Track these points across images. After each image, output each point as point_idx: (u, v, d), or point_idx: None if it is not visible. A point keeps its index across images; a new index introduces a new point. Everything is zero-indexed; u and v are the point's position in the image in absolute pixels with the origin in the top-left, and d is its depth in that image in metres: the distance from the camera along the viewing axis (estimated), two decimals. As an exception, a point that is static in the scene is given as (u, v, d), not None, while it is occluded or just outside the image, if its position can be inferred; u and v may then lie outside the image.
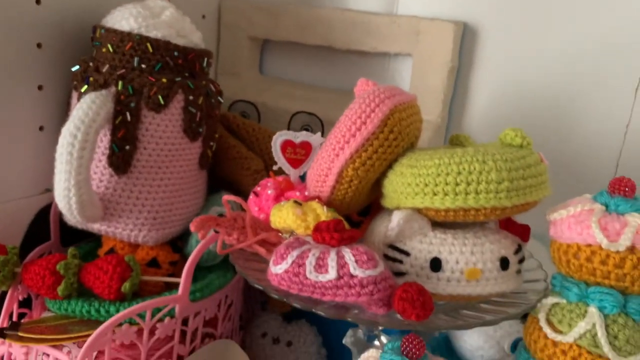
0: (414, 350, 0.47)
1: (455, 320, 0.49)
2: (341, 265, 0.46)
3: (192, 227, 0.52)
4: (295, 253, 0.48)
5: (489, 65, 0.77)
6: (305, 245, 0.49)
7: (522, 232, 0.54)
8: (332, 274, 0.46)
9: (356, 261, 0.46)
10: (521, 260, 0.53)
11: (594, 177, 0.73)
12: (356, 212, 0.61)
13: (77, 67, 0.63)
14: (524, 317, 0.54)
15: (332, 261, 0.47)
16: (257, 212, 0.60)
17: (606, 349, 0.46)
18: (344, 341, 0.61)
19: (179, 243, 0.69)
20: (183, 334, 0.63)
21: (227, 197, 0.56)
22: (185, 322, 0.63)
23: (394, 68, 0.84)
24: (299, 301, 0.48)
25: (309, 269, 0.47)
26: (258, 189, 0.62)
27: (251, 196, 0.62)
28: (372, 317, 0.47)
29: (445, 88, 0.77)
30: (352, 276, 0.46)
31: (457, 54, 0.77)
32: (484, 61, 0.78)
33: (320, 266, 0.47)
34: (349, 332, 0.62)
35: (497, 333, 0.65)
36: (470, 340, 0.66)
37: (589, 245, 0.47)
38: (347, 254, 0.47)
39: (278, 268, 0.48)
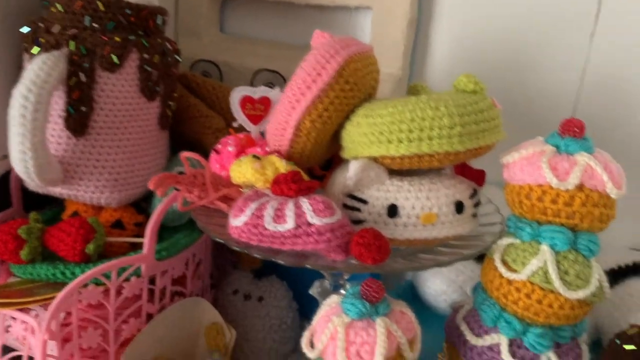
0: (373, 293, 0.49)
1: (411, 263, 0.50)
2: (299, 214, 0.47)
3: (150, 185, 0.53)
4: (253, 205, 0.49)
5: (448, 16, 0.77)
6: (263, 198, 0.49)
7: (477, 177, 0.55)
8: (290, 223, 0.47)
9: (313, 210, 0.47)
10: (477, 204, 0.54)
11: (552, 122, 0.74)
12: (318, 166, 0.61)
13: (26, 28, 0.62)
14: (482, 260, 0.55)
15: (290, 211, 0.47)
16: (219, 170, 0.60)
17: (557, 284, 0.48)
18: (310, 291, 0.62)
19: (143, 204, 0.69)
20: (151, 292, 0.64)
21: (185, 153, 0.56)
22: (152, 281, 0.63)
23: (355, 22, 0.83)
24: (259, 252, 0.49)
25: (268, 219, 0.47)
26: (219, 146, 0.62)
27: (212, 154, 0.62)
28: (331, 263, 0.48)
29: (405, 40, 0.77)
30: (309, 225, 0.47)
31: (415, 6, 0.76)
32: (443, 12, 0.77)
33: (279, 217, 0.47)
34: (316, 283, 0.63)
35: (459, 278, 0.67)
36: (434, 285, 0.68)
37: (540, 186, 0.49)
38: (305, 203, 0.48)
39: (237, 221, 0.49)
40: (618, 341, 0.50)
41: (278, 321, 0.77)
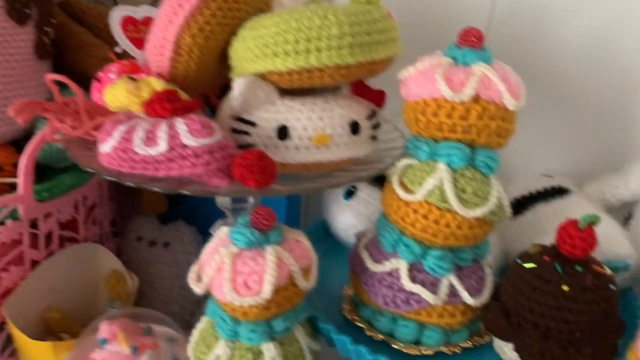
0: (262, 221, 0.45)
1: (295, 185, 0.47)
2: (172, 135, 0.43)
3: (10, 112, 0.47)
4: (122, 128, 0.44)
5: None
6: (134, 120, 0.45)
7: (376, 98, 0.52)
8: (162, 145, 0.42)
9: (189, 130, 0.43)
10: (375, 126, 0.51)
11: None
12: (213, 93, 0.57)
13: None
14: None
15: (162, 132, 0.43)
16: (100, 100, 0.55)
17: (453, 202, 0.46)
18: (210, 230, 0.59)
19: (23, 143, 0.62)
20: (35, 237, 0.59)
21: (51, 76, 0.50)
22: (35, 225, 0.58)
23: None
24: (133, 180, 0.44)
25: (138, 142, 0.43)
26: (101, 74, 0.56)
27: (94, 83, 0.56)
28: (211, 188, 0.44)
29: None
30: (184, 146, 0.42)
31: None
32: None
33: (150, 139, 0.43)
34: (217, 222, 0.59)
35: (368, 210, 0.64)
36: (344, 219, 0.65)
37: (435, 99, 0.46)
38: (179, 123, 0.43)
39: (105, 146, 0.44)
40: (519, 261, 0.49)
41: (186, 267, 0.73)
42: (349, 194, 0.66)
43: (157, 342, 0.56)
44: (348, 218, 0.65)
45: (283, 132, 0.47)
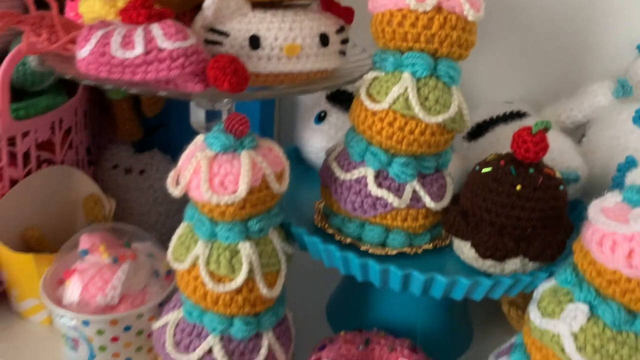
0: (236, 126, 0.47)
1: (267, 90, 0.49)
2: (148, 39, 0.44)
3: (-14, 20, 0.48)
4: (99, 33, 0.45)
5: None
6: (111, 26, 0.46)
7: (345, 14, 0.54)
8: (139, 49, 0.44)
9: (164, 34, 0.44)
10: (344, 41, 0.53)
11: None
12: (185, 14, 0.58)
13: None
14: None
15: (138, 37, 0.44)
16: (75, 17, 0.56)
17: (417, 109, 0.49)
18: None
19: (-2, 65, 0.63)
20: (14, 156, 0.60)
21: (26, -13, 0.50)
22: (13, 143, 0.59)
23: None
24: (111, 83, 0.46)
25: (115, 46, 0.44)
26: (74, -8, 0.56)
27: (67, 2, 0.56)
28: (186, 92, 0.46)
29: None
30: (160, 50, 0.44)
31: None
32: None
33: (127, 43, 0.44)
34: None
35: (338, 134, 0.67)
36: (315, 143, 0.68)
37: (400, 10, 0.48)
38: (155, 28, 0.45)
39: (83, 51, 0.45)
40: (477, 167, 0.52)
41: (163, 194, 0.76)
42: (320, 118, 0.68)
43: (136, 254, 0.59)
44: (319, 142, 0.67)
45: (255, 42, 0.49)
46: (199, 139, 0.50)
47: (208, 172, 0.47)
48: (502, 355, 0.52)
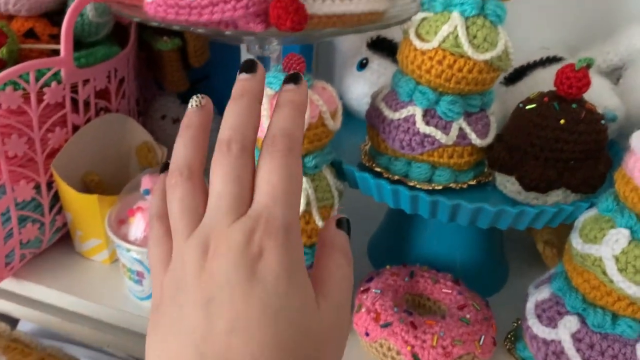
0: (294, 65, 0.50)
1: (330, 29, 0.51)
2: (214, -19, 0.47)
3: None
4: (167, -24, 0.48)
5: None
6: (177, -31, 0.49)
7: (393, -42, 0.56)
8: (206, -10, 0.47)
9: (229, -24, 0.47)
10: (392, -16, 0.55)
11: None
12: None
13: None
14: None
15: (205, -21, 0.47)
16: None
17: (466, 46, 0.51)
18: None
19: (56, 18, 0.66)
20: (75, 104, 0.63)
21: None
22: (75, 91, 0.62)
23: None
24: (177, 24, 0.49)
25: (183, -12, 0.47)
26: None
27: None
28: (247, 32, 0.49)
29: None
30: (226, -9, 0.47)
31: None
32: None
33: (194, -15, 0.47)
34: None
35: (380, 80, 0.69)
36: (356, 90, 0.70)
37: (450, -50, 0.50)
38: (220, -29, 0.47)
39: (152, -6, 0.48)
40: (521, 105, 0.55)
41: (211, 143, 0.79)
42: (362, 65, 0.71)
43: (193, 194, 0.62)
44: (361, 88, 0.70)
45: (311, -16, 0.51)
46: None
47: (269, 110, 0.50)
48: (542, 284, 0.55)
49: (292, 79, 0.37)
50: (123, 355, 0.78)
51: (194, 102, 0.37)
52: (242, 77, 0.36)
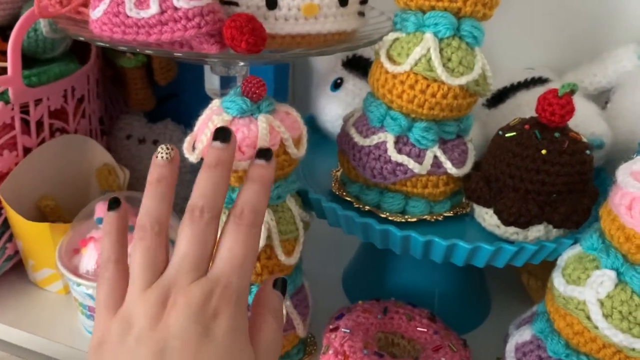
0: (253, 90, 0.46)
1: (285, 53, 0.48)
2: (163, -2, 0.43)
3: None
4: (113, -8, 0.44)
5: None
6: (125, -15, 0.45)
7: (364, -26, 0.52)
8: (154, 8, 0.43)
9: (179, -8, 0.43)
10: (363, 1, 0.52)
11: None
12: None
13: None
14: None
15: (153, -5, 0.43)
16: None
17: (439, 70, 0.47)
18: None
19: (8, 32, 0.62)
20: (27, 124, 0.59)
21: (36, -52, 0.49)
22: (26, 111, 0.58)
23: None
24: (125, 45, 0.45)
25: (129, 5, 0.43)
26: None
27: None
28: (201, 52, 0.45)
29: None
30: (176, 9, 0.43)
31: None
32: None
33: (142, 2, 0.43)
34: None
35: (355, 100, 0.66)
36: (331, 111, 0.67)
37: (422, -33, 0.46)
38: (170, -14, 0.43)
39: (97, 11, 0.44)
40: (501, 132, 0.51)
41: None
42: (336, 85, 0.67)
43: (152, 223, 0.58)
44: (335, 109, 0.66)
45: (272, 1, 0.47)
46: (215, 103, 0.49)
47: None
48: (524, 324, 0.51)
49: (264, 154, 0.41)
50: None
51: (163, 153, 0.39)
52: (216, 146, 0.39)
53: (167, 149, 0.39)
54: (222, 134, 0.40)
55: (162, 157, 0.39)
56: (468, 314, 0.63)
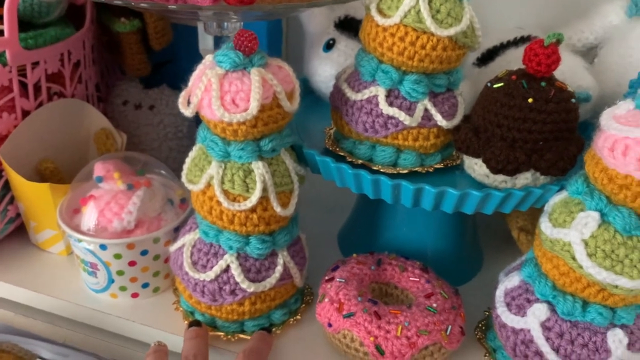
0: (245, 43, 0.47)
1: (277, 6, 0.48)
2: (156, -48, 0.44)
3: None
4: (106, -53, 0.45)
5: None
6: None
7: None
8: (147, -39, 0.44)
9: (172, -54, 0.44)
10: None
11: None
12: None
13: None
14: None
15: (146, -51, 0.44)
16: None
17: (429, 22, 0.48)
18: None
19: (3, -3, 0.63)
20: (25, 87, 0.60)
21: None
22: (23, 74, 0.59)
23: None
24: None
25: (123, -40, 0.44)
26: None
27: None
28: (195, 6, 0.46)
29: None
30: (169, -38, 0.44)
31: None
32: None
33: (135, -44, 0.44)
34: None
35: (347, 61, 0.67)
36: (324, 72, 0.68)
37: None
38: (162, -60, 0.44)
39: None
40: (489, 84, 0.52)
41: (173, 129, 0.76)
42: (328, 46, 0.68)
43: (151, 181, 0.59)
44: (328, 70, 0.67)
45: (263, -43, 0.48)
46: (208, 58, 0.50)
47: (219, 90, 0.47)
48: (513, 271, 0.53)
49: (266, 328, 0.55)
50: (87, 350, 0.75)
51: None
52: (192, 328, 0.51)
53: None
54: (196, 322, 0.52)
55: None
56: (460, 267, 0.65)
